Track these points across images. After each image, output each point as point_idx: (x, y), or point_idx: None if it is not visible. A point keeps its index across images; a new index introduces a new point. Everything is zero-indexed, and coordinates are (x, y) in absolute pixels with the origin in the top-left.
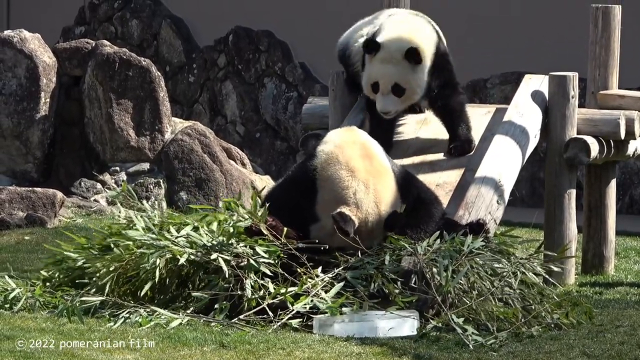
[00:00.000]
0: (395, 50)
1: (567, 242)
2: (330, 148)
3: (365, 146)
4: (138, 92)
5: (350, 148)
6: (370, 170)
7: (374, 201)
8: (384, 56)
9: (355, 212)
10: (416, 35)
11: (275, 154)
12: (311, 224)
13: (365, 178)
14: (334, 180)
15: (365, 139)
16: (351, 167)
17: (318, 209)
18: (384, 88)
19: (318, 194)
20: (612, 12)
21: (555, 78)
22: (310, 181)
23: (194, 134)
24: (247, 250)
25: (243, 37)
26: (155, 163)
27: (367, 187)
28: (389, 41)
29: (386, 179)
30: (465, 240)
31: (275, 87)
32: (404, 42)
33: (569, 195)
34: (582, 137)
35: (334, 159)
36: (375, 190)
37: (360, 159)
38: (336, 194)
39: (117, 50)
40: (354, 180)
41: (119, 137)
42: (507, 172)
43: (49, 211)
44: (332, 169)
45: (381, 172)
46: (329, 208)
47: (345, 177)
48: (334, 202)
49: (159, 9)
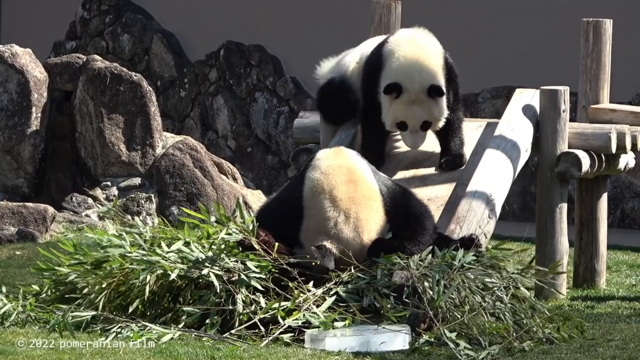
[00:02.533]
0: (419, 90)
1: (559, 256)
2: (317, 175)
3: (351, 170)
4: (129, 106)
5: (336, 174)
6: (353, 198)
7: (355, 230)
8: (408, 98)
9: (335, 245)
10: (429, 59)
11: (267, 168)
12: (296, 248)
13: (347, 207)
14: (317, 210)
15: (352, 163)
16: (334, 196)
17: (302, 237)
18: (413, 127)
19: (303, 222)
20: (603, 26)
21: (546, 92)
22: (298, 208)
23: (185, 149)
24: (238, 265)
25: (234, 51)
26: (146, 178)
27: (348, 216)
28: (409, 81)
29: (371, 204)
30: (456, 255)
31: (267, 102)
32: (424, 80)
33: (560, 209)
34: (573, 151)
35: (319, 188)
36: (357, 219)
37: (344, 185)
38: (318, 224)
39: (108, 65)
40: (335, 210)
41: (110, 151)
42: (499, 186)
43: (40, 226)
44: (316, 198)
45: (366, 197)
46: (312, 237)
47: (328, 207)
48: (316, 232)
49: (150, 23)
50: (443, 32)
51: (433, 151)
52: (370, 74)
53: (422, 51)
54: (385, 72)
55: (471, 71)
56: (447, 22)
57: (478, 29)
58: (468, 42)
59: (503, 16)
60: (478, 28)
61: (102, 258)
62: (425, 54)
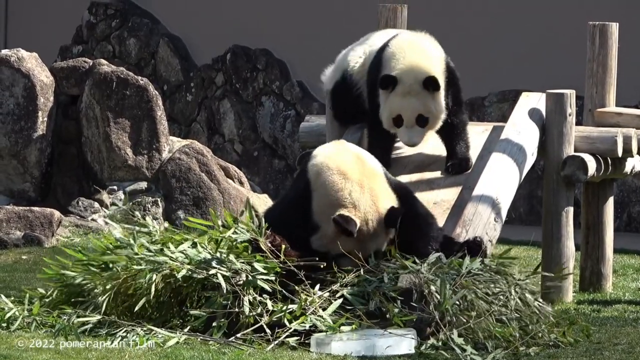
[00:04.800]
0: (414, 82)
1: (565, 260)
2: (320, 159)
3: (355, 153)
4: (135, 111)
5: (341, 155)
6: (363, 172)
7: (370, 199)
8: (402, 90)
9: (354, 212)
10: (428, 60)
11: (273, 172)
12: (311, 235)
13: (359, 179)
14: (327, 185)
15: (355, 149)
16: (343, 171)
17: (315, 217)
18: (408, 121)
19: (313, 202)
20: (609, 29)
21: (552, 96)
22: (305, 195)
23: (191, 153)
24: (246, 266)
25: (241, 55)
26: (152, 182)
27: (362, 186)
28: (405, 73)
29: (380, 180)
30: (463, 262)
31: (273, 106)
32: (420, 72)
33: (566, 213)
34: (579, 154)
35: (325, 167)
36: (371, 189)
37: (352, 162)
38: (331, 197)
39: (114, 69)
40: (348, 182)
41: (117, 156)
42: (505, 190)
43: (47, 230)
44: (324, 175)
45: (374, 174)
46: (327, 213)
47: (338, 180)
48: (330, 207)
49: (157, 27)
50: (449, 36)
51: (439, 155)
52: (373, 76)
53: (421, 53)
54: None
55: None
56: (453, 26)
57: (484, 33)
58: (474, 46)
59: (509, 20)
60: (484, 31)
61: (109, 260)
62: (424, 54)
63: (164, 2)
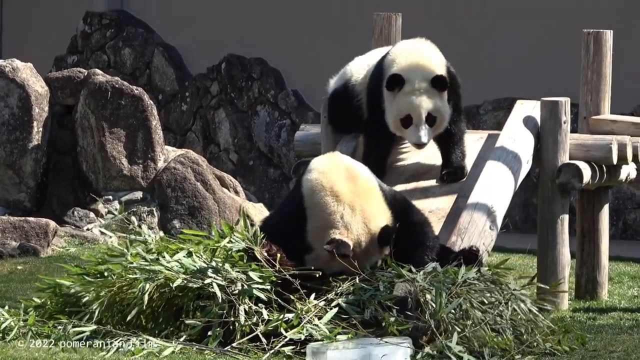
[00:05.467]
0: (422, 80)
1: (560, 268)
2: (314, 175)
3: (349, 168)
4: (131, 120)
5: (334, 172)
6: (355, 191)
7: (362, 221)
8: (411, 88)
9: (346, 234)
10: (433, 60)
11: (269, 181)
12: (306, 254)
13: (351, 200)
14: (320, 207)
15: (349, 162)
16: (335, 192)
17: (310, 237)
18: (418, 119)
19: (308, 223)
20: (604, 37)
21: (547, 103)
22: (299, 211)
23: (186, 162)
24: (241, 275)
25: (236, 64)
26: (148, 191)
27: (353, 208)
28: (412, 73)
29: (373, 197)
30: (459, 271)
31: (268, 115)
32: (427, 71)
33: (561, 220)
34: (574, 162)
35: (319, 186)
36: (362, 210)
37: (344, 181)
38: (324, 220)
39: (109, 79)
40: (340, 204)
41: (112, 165)
42: (500, 198)
43: (42, 240)
44: (317, 196)
45: (367, 191)
46: (320, 235)
47: (331, 202)
48: (323, 229)
49: (152, 37)
50: (444, 45)
51: (434, 163)
52: (374, 84)
53: (422, 56)
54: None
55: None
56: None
57: (479, 41)
58: (469, 54)
59: (504, 28)
60: (479, 40)
61: (104, 269)
62: (425, 57)
63: (159, 11)
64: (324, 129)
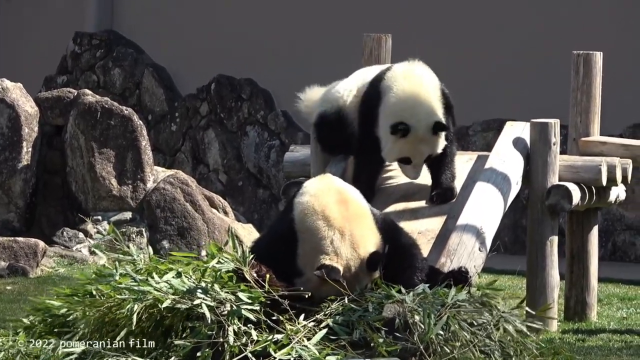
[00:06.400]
0: (425, 130)
1: (550, 289)
2: (306, 198)
3: (340, 191)
4: (120, 141)
5: (326, 195)
6: (346, 216)
7: (351, 247)
8: (415, 138)
9: (336, 260)
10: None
11: (258, 202)
12: (296, 278)
13: (341, 225)
14: (311, 231)
15: (340, 185)
16: (326, 216)
17: (300, 262)
18: (418, 163)
19: (299, 247)
20: (594, 58)
21: (536, 125)
22: (291, 234)
23: (176, 183)
24: (230, 296)
25: (225, 85)
26: (137, 212)
27: (343, 234)
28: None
29: (364, 221)
30: (448, 292)
31: (258, 135)
32: (429, 118)
33: (551, 242)
34: (563, 183)
35: (310, 209)
36: (352, 235)
37: (335, 205)
38: (315, 244)
39: (99, 99)
40: (330, 229)
41: (101, 186)
42: (489, 219)
43: (31, 261)
44: (309, 220)
45: (358, 215)
46: (310, 260)
47: (322, 227)
48: (313, 254)
49: (141, 57)
50: (433, 66)
51: (424, 184)
52: (368, 109)
53: (419, 86)
54: (383, 108)
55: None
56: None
57: (468, 62)
58: (458, 75)
59: (493, 49)
60: (468, 61)
61: (93, 289)
62: (423, 88)
63: (149, 32)
64: (313, 150)
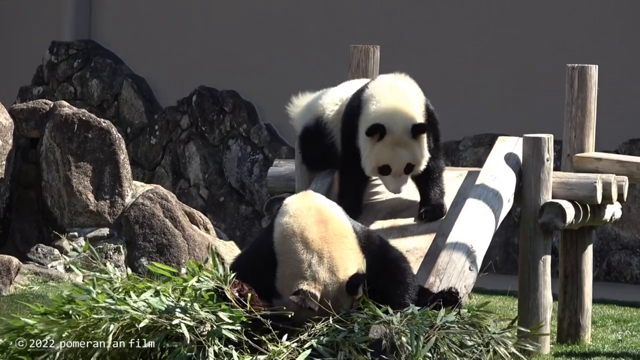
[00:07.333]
0: (403, 131)
1: (542, 310)
2: (286, 219)
3: (320, 210)
4: (98, 154)
5: (305, 216)
6: (324, 237)
7: (329, 270)
8: (392, 140)
9: (313, 285)
10: (412, 104)
11: (240, 218)
12: (274, 300)
13: (319, 247)
14: (290, 254)
15: (321, 203)
16: (305, 238)
17: (278, 285)
18: (397, 170)
19: (278, 269)
20: (589, 72)
21: (529, 140)
22: (270, 256)
23: (155, 198)
24: (210, 315)
25: (207, 97)
26: (115, 228)
27: (321, 256)
28: (393, 122)
29: (344, 241)
30: (437, 313)
31: (240, 149)
32: (407, 120)
33: (543, 261)
34: (557, 201)
35: (290, 231)
36: (331, 257)
37: (314, 226)
38: (293, 268)
39: (75, 111)
40: (308, 253)
41: (78, 201)
42: (480, 237)
43: (4, 278)
44: (288, 242)
45: (338, 235)
46: (288, 283)
47: (300, 250)
48: (292, 277)
49: (120, 68)
50: (423, 78)
51: (412, 201)
52: (349, 119)
53: (401, 96)
54: (364, 117)
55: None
56: (427, 68)
57: (459, 75)
58: (449, 89)
59: (485, 62)
60: (459, 74)
61: (69, 309)
62: (405, 98)
63: (128, 42)
64: (298, 165)
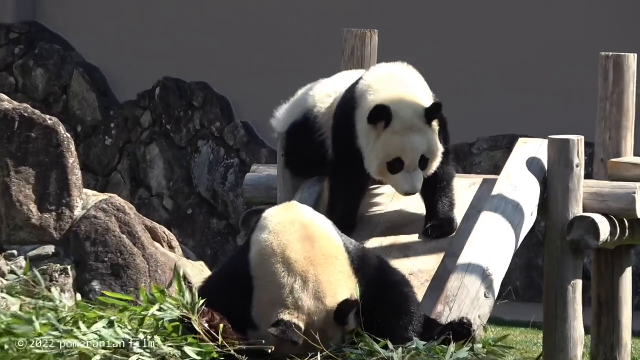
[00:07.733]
0: (413, 114)
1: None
2: (265, 235)
3: (306, 226)
4: (42, 157)
5: (287, 232)
6: (310, 257)
7: (315, 296)
8: (402, 125)
9: (296, 315)
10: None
11: (211, 234)
12: (251, 332)
13: (304, 269)
14: (269, 277)
15: (307, 217)
16: (287, 258)
17: (255, 314)
18: (412, 164)
19: (255, 295)
20: (626, 61)
21: (555, 143)
22: (246, 279)
23: (110, 210)
24: (175, 351)
25: (173, 90)
26: (61, 245)
27: (306, 280)
28: (400, 105)
29: (333, 262)
30: (447, 349)
31: (212, 152)
32: (416, 103)
33: (573, 287)
34: (589, 215)
35: (269, 250)
36: (317, 281)
37: (299, 243)
38: (272, 294)
39: (16, 106)
40: (290, 276)
41: (18, 213)
42: (497, 258)
43: None
44: (266, 263)
45: (327, 255)
46: (267, 313)
47: (281, 273)
48: (271, 305)
49: (70, 55)
50: (430, 70)
51: (417, 214)
52: (343, 116)
53: (404, 87)
54: (361, 110)
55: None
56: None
57: (472, 67)
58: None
59: (502, 49)
60: (472, 66)
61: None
62: (408, 89)
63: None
64: (280, 170)
